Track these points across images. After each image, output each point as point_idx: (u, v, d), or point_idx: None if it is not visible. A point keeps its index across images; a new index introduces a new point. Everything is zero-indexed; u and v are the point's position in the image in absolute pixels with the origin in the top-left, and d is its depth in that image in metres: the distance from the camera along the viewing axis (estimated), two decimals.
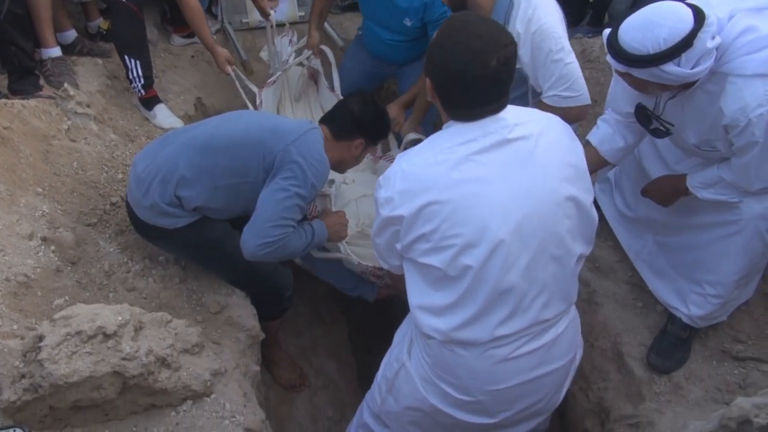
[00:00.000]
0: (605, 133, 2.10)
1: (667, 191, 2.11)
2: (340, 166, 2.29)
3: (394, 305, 3.07)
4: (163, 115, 3.02)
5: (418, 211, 1.46)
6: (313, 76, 3.31)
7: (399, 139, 2.98)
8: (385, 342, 3.45)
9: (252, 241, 1.95)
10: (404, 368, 1.76)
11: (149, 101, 3.02)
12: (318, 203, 2.42)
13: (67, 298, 1.98)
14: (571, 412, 2.40)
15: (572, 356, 1.73)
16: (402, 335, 1.84)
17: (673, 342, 2.17)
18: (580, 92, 2.21)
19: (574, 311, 1.71)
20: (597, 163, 2.12)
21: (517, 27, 2.16)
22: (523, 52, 2.19)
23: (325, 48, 3.26)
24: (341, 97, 3.02)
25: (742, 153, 1.77)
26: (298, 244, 2.04)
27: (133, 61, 2.88)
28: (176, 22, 3.60)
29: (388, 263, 1.67)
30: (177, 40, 3.63)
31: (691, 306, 2.15)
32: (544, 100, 2.24)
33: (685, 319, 2.17)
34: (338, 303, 3.32)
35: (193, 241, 2.13)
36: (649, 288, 2.36)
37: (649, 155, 2.29)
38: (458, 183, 1.45)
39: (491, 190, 1.45)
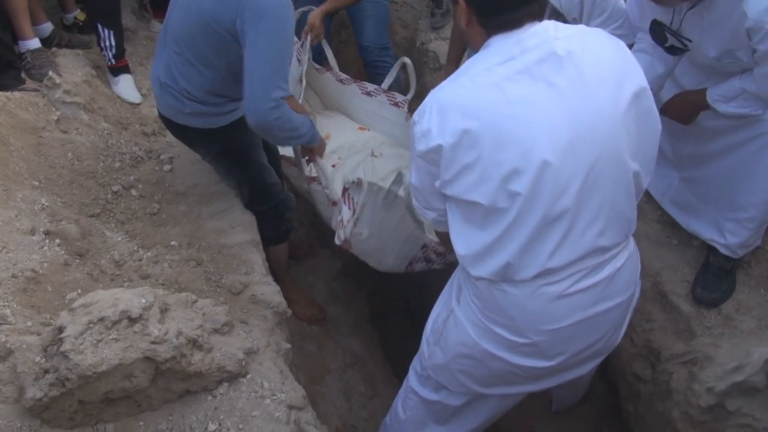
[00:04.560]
0: (644, 62, 1.97)
1: (686, 108, 2.03)
2: None
3: (410, 276, 2.98)
4: (125, 86, 2.92)
5: (459, 140, 1.34)
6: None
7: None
8: (403, 314, 3.39)
9: (257, 101, 1.81)
10: (453, 315, 1.65)
11: (117, 69, 2.92)
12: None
13: (79, 291, 1.85)
14: (615, 358, 2.31)
15: (632, 292, 1.63)
16: (450, 285, 1.73)
17: (718, 273, 2.10)
18: (629, 31, 2.08)
19: (633, 245, 1.60)
20: None
21: None
22: None
23: None
24: (343, 76, 2.94)
25: (766, 60, 1.68)
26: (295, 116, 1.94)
27: (106, 31, 2.79)
28: (156, 5, 3.46)
29: (432, 207, 1.55)
30: (157, 25, 3.47)
31: (728, 235, 2.07)
32: None
33: (723, 250, 2.10)
34: (352, 279, 3.23)
35: (225, 145, 2.20)
36: (682, 225, 2.28)
37: (667, 85, 2.18)
38: (500, 105, 1.33)
39: (536, 112, 1.32)
